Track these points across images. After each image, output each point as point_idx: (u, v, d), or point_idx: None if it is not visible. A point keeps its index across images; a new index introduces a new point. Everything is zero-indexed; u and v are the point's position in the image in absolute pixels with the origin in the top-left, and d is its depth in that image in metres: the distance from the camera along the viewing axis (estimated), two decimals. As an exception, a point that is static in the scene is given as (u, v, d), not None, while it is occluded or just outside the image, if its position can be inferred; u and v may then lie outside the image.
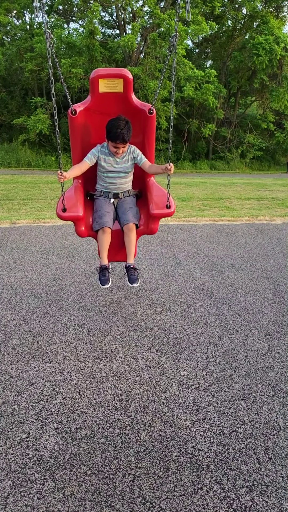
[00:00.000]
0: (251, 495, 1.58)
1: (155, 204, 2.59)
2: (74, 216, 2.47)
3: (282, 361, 2.53)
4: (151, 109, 2.60)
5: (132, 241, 2.63)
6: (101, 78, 2.53)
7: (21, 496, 1.56)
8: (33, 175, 11.43)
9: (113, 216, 2.70)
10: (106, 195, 2.74)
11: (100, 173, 2.74)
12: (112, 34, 18.51)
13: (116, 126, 2.46)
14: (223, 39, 17.37)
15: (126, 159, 2.68)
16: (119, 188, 2.74)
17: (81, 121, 2.64)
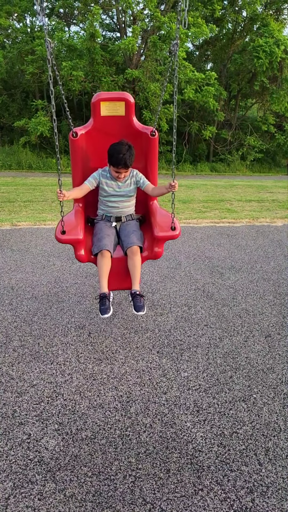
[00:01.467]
0: (252, 496, 1.58)
1: (159, 226, 2.47)
2: (73, 239, 2.36)
3: (282, 362, 2.53)
4: (153, 132, 2.58)
5: (136, 266, 2.48)
6: (102, 101, 2.53)
7: (22, 497, 1.56)
8: (34, 178, 11.46)
9: (114, 240, 2.58)
10: (108, 218, 2.65)
11: (101, 197, 2.66)
12: (112, 37, 18.59)
13: (118, 151, 2.40)
14: (223, 42, 17.41)
15: (128, 183, 2.62)
16: (121, 212, 2.66)
17: (82, 144, 2.60)
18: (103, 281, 2.43)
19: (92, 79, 14.29)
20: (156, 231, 2.48)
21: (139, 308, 2.35)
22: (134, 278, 2.49)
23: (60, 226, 2.37)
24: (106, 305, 2.34)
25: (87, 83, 14.15)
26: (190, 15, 14.30)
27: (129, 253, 2.51)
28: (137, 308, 2.36)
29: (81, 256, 2.48)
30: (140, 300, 2.38)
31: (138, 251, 2.51)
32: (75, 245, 2.43)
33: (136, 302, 2.37)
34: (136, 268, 2.49)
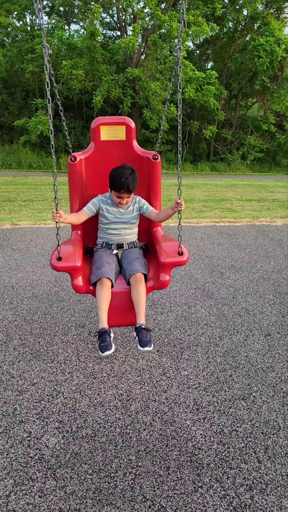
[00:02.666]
0: (251, 493, 1.59)
1: (165, 252, 2.26)
2: (70, 266, 2.15)
3: (282, 361, 2.54)
4: (155, 155, 2.51)
5: (141, 295, 2.21)
6: (102, 125, 2.48)
7: (22, 494, 1.57)
8: (34, 177, 11.47)
9: (115, 268, 2.34)
10: (108, 246, 2.45)
11: (101, 225, 2.49)
12: (113, 36, 18.58)
13: (120, 174, 2.26)
14: (224, 41, 17.41)
15: (131, 209, 2.46)
16: (123, 239, 2.46)
17: (81, 169, 2.51)
18: (102, 314, 2.15)
19: (92, 78, 14.28)
20: (162, 257, 2.24)
21: (145, 343, 2.06)
22: (138, 310, 2.20)
23: (56, 252, 2.16)
24: (107, 341, 2.04)
25: (87, 82, 14.14)
26: (190, 13, 14.28)
27: (132, 281, 2.25)
28: (142, 343, 2.07)
29: (79, 286, 2.22)
30: (146, 335, 2.10)
31: (142, 279, 2.25)
32: (72, 273, 2.19)
33: (142, 337, 2.09)
34: (141, 299, 2.21)
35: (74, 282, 2.22)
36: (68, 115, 16.49)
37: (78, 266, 2.17)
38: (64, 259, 2.16)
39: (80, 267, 2.20)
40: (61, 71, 13.64)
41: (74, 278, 2.22)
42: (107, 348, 2.02)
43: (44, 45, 1.79)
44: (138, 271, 2.26)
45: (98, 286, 2.21)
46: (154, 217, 2.48)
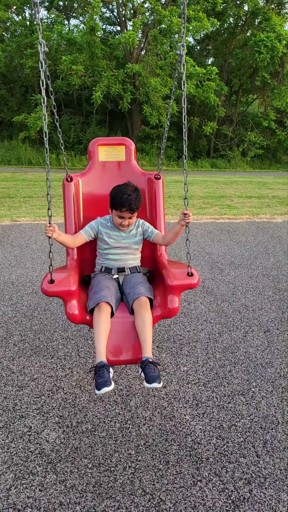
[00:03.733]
0: (249, 487, 1.61)
1: (172, 275, 2.00)
2: (64, 290, 1.87)
3: (281, 357, 2.55)
4: (157, 175, 2.41)
5: (147, 323, 1.90)
6: (100, 146, 2.37)
7: (23, 488, 1.59)
8: (34, 173, 11.44)
9: (115, 294, 2.05)
10: (108, 271, 2.19)
11: (100, 250, 2.25)
12: (112, 31, 18.47)
13: (122, 191, 2.07)
14: (224, 36, 17.32)
15: (133, 234, 2.23)
16: (125, 264, 2.21)
17: (78, 189, 2.36)
18: (100, 345, 1.84)
19: (92, 73, 14.22)
20: (169, 280, 1.97)
21: (153, 378, 1.71)
22: (144, 341, 1.88)
23: (48, 275, 1.88)
24: (105, 377, 1.70)
25: (87, 77, 14.08)
26: (191, 8, 14.19)
27: (136, 306, 1.96)
28: (150, 379, 1.72)
29: (73, 315, 1.92)
30: (154, 369, 1.76)
31: (147, 304, 1.97)
32: (66, 299, 1.91)
33: (149, 371, 1.75)
34: (147, 327, 1.90)
35: (68, 310, 1.90)
36: (67, 111, 16.43)
37: (73, 291, 1.89)
38: (57, 283, 1.88)
39: (75, 291, 1.91)
40: (61, 66, 13.58)
41: (68, 305, 1.91)
42: (105, 384, 1.67)
43: (40, 42, 1.67)
44: (143, 295, 1.97)
45: (96, 312, 1.91)
46: (161, 241, 2.22)
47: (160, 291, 2.10)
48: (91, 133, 15.62)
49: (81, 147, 15.32)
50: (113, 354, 1.91)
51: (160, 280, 2.18)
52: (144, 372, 1.78)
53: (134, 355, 1.93)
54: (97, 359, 1.81)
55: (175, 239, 2.16)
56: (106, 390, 1.67)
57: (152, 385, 1.71)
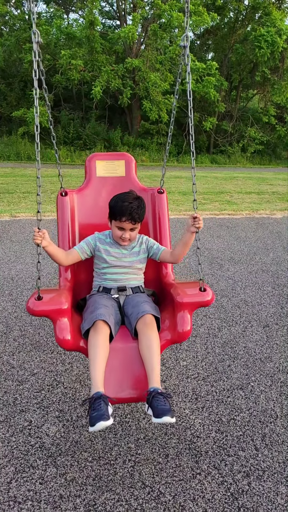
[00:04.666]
0: (248, 479, 1.62)
1: (182, 291, 1.76)
2: (54, 309, 1.61)
3: (280, 351, 2.56)
4: (160, 190, 2.26)
5: (153, 346, 1.63)
6: (98, 160, 2.23)
7: (23, 481, 1.60)
8: (33, 169, 11.40)
9: (115, 314, 1.79)
10: (107, 290, 1.93)
11: (98, 269, 1.99)
12: (112, 25, 18.34)
13: (122, 199, 1.85)
14: (224, 31, 17.19)
15: (136, 251, 1.98)
16: (127, 284, 1.96)
17: (73, 205, 2.15)
18: (97, 373, 1.55)
19: (91, 68, 14.13)
20: (179, 297, 1.72)
21: (163, 411, 1.43)
22: (151, 368, 1.59)
23: (36, 291, 1.66)
24: (102, 409, 1.42)
25: (86, 72, 13.99)
26: (191, 3, 14.08)
27: (140, 326, 1.69)
28: (159, 412, 1.43)
29: (65, 340, 1.62)
30: (164, 401, 1.48)
31: (154, 323, 1.71)
32: (56, 318, 1.62)
33: (159, 404, 1.46)
34: (153, 351, 1.62)
35: (58, 333, 1.61)
36: (67, 106, 16.35)
37: (64, 309, 1.62)
38: (46, 300, 1.62)
39: (67, 310, 1.65)
40: (60, 61, 13.49)
41: (58, 327, 1.61)
42: (102, 418, 1.38)
43: (33, 31, 1.55)
44: (148, 312, 1.72)
45: (92, 333, 1.64)
46: (169, 257, 1.97)
47: (169, 312, 1.81)
48: (90, 128, 15.55)
49: (81, 143, 15.26)
50: (112, 390, 1.57)
51: (168, 301, 1.90)
52: (152, 406, 1.47)
53: (139, 389, 1.59)
54: (93, 390, 1.51)
55: (185, 252, 1.89)
56: (102, 425, 1.36)
57: (162, 419, 1.41)
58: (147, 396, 1.52)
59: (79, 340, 1.70)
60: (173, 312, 1.75)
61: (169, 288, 1.92)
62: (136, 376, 1.64)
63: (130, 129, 16.59)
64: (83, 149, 14.93)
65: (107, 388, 1.56)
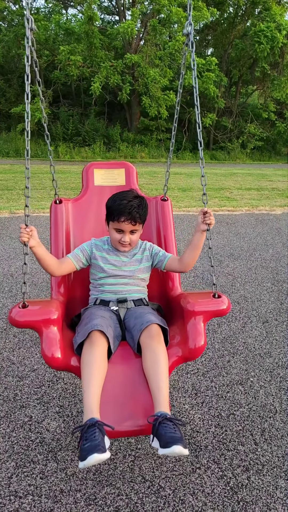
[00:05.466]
0: (248, 474, 1.63)
1: (193, 299, 1.54)
2: (41, 319, 1.38)
3: (279, 347, 2.57)
4: (164, 197, 2.12)
5: (160, 362, 1.38)
6: (96, 168, 2.11)
7: (24, 476, 1.61)
8: (32, 165, 11.33)
9: (113, 326, 1.55)
10: (105, 303, 1.70)
11: (94, 281, 1.77)
12: (111, 21, 18.23)
13: (121, 197, 1.66)
14: (224, 26, 17.10)
15: (138, 259, 1.76)
16: (129, 296, 1.73)
17: (68, 214, 1.99)
18: (91, 395, 1.29)
19: (90, 64, 14.06)
20: (189, 305, 1.51)
21: (173, 439, 1.17)
22: (157, 389, 1.33)
23: (21, 300, 1.44)
24: (96, 439, 1.16)
25: (85, 68, 13.92)
26: (190, -2, 13.97)
27: (145, 339, 1.44)
28: (169, 440, 1.17)
29: (53, 358, 1.37)
30: (173, 428, 1.22)
31: (160, 335, 1.47)
32: (43, 331, 1.38)
33: (167, 431, 1.20)
34: (160, 368, 1.37)
35: (45, 349, 1.36)
36: (66, 102, 16.28)
37: (53, 320, 1.40)
38: (32, 309, 1.41)
39: (57, 320, 1.42)
40: (59, 56, 13.42)
41: (45, 341, 1.37)
42: (96, 449, 1.12)
43: (27, 17, 1.44)
44: (153, 322, 1.48)
45: (86, 347, 1.40)
46: (177, 265, 1.73)
47: (178, 326, 1.58)
48: (89, 124, 15.49)
49: (80, 139, 15.20)
50: (111, 420, 1.30)
51: (177, 315, 1.67)
52: (158, 434, 1.20)
53: (145, 419, 1.32)
54: (86, 416, 1.25)
55: (196, 256, 1.67)
56: (96, 459, 1.11)
57: (171, 449, 1.14)
58: (152, 422, 1.26)
59: (70, 357, 1.43)
60: (184, 325, 1.51)
61: (178, 300, 1.69)
62: (140, 403, 1.36)
63: (129, 125, 16.53)
64: (82, 145, 14.88)
65: (103, 417, 1.29)
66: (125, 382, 1.41)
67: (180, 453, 1.15)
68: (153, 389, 1.35)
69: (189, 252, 1.68)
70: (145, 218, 1.72)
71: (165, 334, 1.52)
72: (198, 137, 1.64)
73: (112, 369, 1.43)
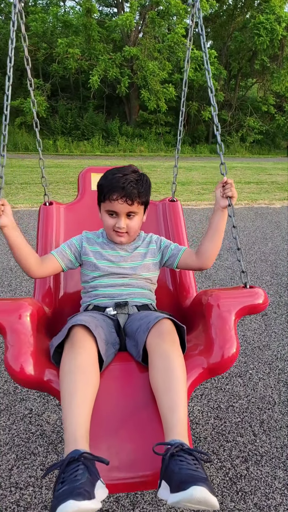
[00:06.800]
0: (246, 464, 1.65)
1: (218, 292, 1.19)
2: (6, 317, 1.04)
3: (278, 340, 2.58)
4: (173, 199, 1.98)
5: (175, 370, 0.99)
6: (94, 172, 1.92)
7: (25, 468, 1.62)
8: (31, 159, 11.32)
9: (107, 330, 1.18)
10: (100, 309, 1.32)
11: (86, 284, 1.40)
12: (109, 13, 18.04)
13: (114, 171, 1.33)
14: (223, 19, 16.95)
15: (142, 253, 1.40)
16: (131, 302, 1.34)
17: (59, 218, 1.76)
18: (75, 418, 0.91)
19: (89, 57, 13.95)
20: (213, 298, 1.15)
21: (194, 478, 0.76)
22: (170, 412, 0.93)
23: None
24: (78, 480, 0.77)
25: (83, 61, 13.81)
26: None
27: (154, 339, 1.06)
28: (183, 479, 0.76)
29: (20, 372, 0.99)
30: (194, 463, 0.82)
31: (174, 334, 1.09)
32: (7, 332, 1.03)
33: (183, 466, 0.80)
34: (175, 380, 0.98)
35: (10, 358, 0.99)
36: (64, 96, 16.17)
37: (23, 318, 1.04)
38: None
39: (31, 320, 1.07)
40: (57, 49, 13.30)
41: (11, 347, 1.01)
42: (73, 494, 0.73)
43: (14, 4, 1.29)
44: (160, 317, 1.11)
45: (67, 350, 1.02)
46: (194, 260, 1.37)
47: (200, 333, 1.20)
48: (88, 118, 15.40)
49: (78, 133, 15.13)
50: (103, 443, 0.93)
51: (197, 318, 1.27)
52: (169, 472, 0.79)
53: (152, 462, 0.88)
54: (68, 447, 0.85)
55: (218, 245, 1.34)
56: (72, 509, 0.71)
57: (188, 491, 0.72)
58: (165, 450, 0.83)
59: (44, 370, 1.03)
60: (206, 326, 1.13)
61: (196, 303, 1.33)
62: (146, 438, 0.93)
63: (128, 118, 16.44)
64: (81, 139, 14.81)
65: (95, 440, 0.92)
66: (123, 407, 0.99)
67: (204, 499, 0.71)
68: (164, 410, 0.93)
69: (209, 240, 1.32)
70: (147, 200, 1.36)
71: (181, 337, 1.13)
72: (214, 121, 1.38)
73: (104, 387, 1.00)
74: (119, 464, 0.92)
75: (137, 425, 0.98)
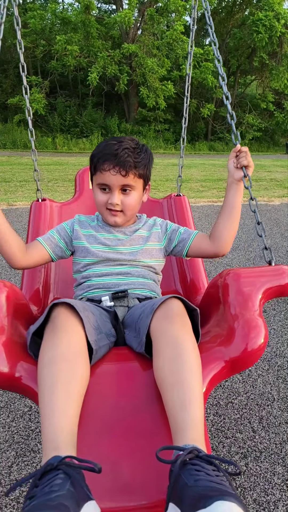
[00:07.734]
0: (246, 460, 1.65)
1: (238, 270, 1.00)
2: None
3: (277, 336, 2.59)
4: (179, 194, 1.95)
5: (188, 358, 0.78)
6: None
7: (24, 465, 1.62)
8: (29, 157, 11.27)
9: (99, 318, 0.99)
10: (95, 301, 1.13)
11: (78, 274, 1.21)
12: (108, 10, 17.97)
13: (109, 140, 1.15)
14: (222, 15, 16.89)
15: (143, 236, 1.21)
16: (131, 294, 1.14)
17: (52, 217, 1.71)
18: (55, 418, 0.70)
19: (87, 54, 13.89)
20: (232, 277, 0.97)
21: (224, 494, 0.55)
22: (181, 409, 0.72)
23: None
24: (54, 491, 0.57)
25: (82, 58, 13.76)
26: (188, -14, 13.78)
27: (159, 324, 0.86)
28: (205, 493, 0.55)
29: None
30: (214, 474, 0.61)
31: (184, 315, 0.88)
32: None
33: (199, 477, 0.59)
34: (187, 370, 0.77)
35: None
36: (63, 93, 16.12)
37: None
38: None
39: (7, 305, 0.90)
40: (55, 46, 13.25)
41: None
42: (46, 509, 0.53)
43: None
44: (170, 296, 0.92)
45: (48, 335, 0.83)
46: (208, 245, 1.17)
47: (219, 322, 0.98)
48: (87, 115, 15.36)
49: (77, 130, 15.09)
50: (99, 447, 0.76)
51: (213, 306, 1.04)
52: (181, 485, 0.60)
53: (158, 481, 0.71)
54: (47, 453, 0.68)
55: (236, 224, 1.16)
56: None
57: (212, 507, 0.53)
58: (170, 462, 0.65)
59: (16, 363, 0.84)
60: (226, 313, 0.93)
61: (212, 289, 1.07)
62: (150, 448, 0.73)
63: (127, 116, 16.40)
64: (80, 136, 14.77)
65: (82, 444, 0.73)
66: (119, 410, 0.80)
67: None
68: (173, 408, 0.74)
69: (226, 219, 1.13)
70: (146, 173, 1.16)
71: (194, 323, 0.91)
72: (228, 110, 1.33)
73: (95, 385, 0.82)
74: (112, 484, 0.69)
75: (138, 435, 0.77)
